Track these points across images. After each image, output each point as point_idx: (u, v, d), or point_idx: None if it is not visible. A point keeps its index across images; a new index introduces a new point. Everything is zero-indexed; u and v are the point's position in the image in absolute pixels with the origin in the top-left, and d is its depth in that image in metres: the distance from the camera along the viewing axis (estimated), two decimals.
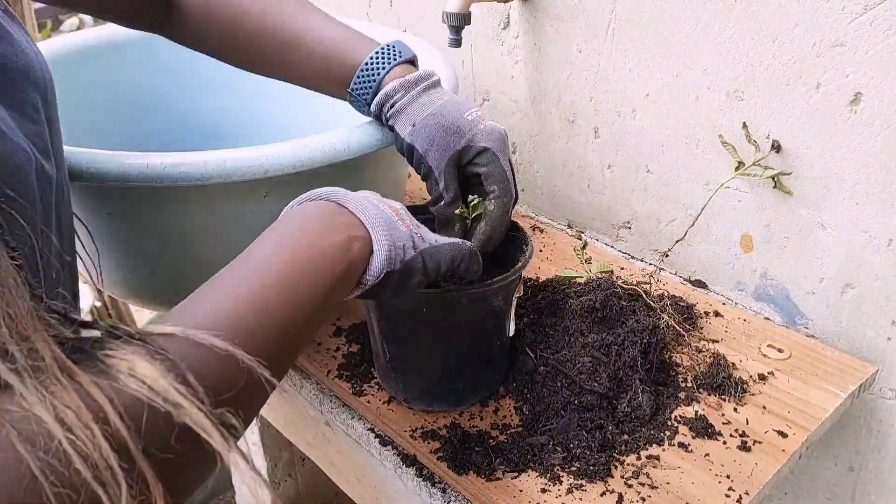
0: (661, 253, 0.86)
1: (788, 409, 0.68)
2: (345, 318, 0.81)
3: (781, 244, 0.79)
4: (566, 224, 1.03)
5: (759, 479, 0.61)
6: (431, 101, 0.64)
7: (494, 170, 0.64)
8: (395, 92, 0.64)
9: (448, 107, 0.64)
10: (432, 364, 0.65)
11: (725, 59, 0.76)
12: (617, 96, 0.88)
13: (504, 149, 0.65)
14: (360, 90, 0.66)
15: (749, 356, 0.75)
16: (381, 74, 0.65)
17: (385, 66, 0.65)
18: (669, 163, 0.86)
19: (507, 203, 0.65)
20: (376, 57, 0.65)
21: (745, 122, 0.76)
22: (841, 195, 0.72)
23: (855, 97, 0.68)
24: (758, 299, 0.84)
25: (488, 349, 0.67)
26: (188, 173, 0.62)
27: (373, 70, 0.65)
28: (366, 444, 0.69)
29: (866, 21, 0.64)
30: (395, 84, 0.64)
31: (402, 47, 0.66)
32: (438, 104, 0.64)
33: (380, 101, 0.65)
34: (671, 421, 0.67)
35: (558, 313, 0.74)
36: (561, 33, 0.90)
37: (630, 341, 0.68)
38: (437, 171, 0.64)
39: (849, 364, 0.74)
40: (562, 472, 0.62)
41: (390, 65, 0.65)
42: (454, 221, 0.66)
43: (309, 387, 0.76)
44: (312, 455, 0.89)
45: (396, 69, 0.65)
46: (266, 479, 1.16)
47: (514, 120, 1.03)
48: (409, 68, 0.66)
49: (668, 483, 0.61)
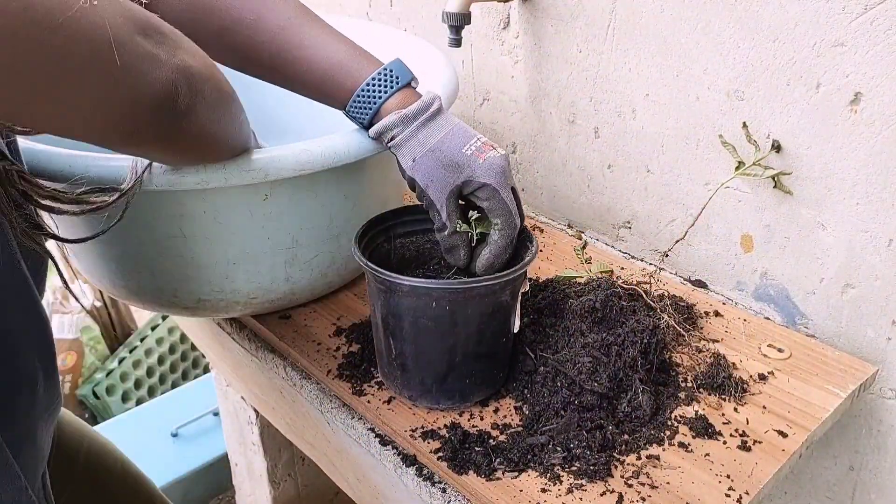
0: (661, 253, 0.86)
1: (788, 409, 0.68)
2: (345, 317, 0.81)
3: (782, 244, 0.79)
4: (566, 224, 1.03)
5: (759, 479, 0.61)
6: (430, 135, 0.65)
7: (496, 205, 0.65)
8: (394, 126, 0.65)
9: (447, 142, 0.65)
10: (439, 360, 0.65)
11: (725, 59, 0.76)
12: (617, 96, 0.88)
13: (504, 182, 0.65)
14: (358, 114, 0.66)
15: (749, 356, 0.75)
16: (378, 103, 0.65)
17: (382, 94, 0.65)
18: (669, 163, 0.86)
19: (510, 234, 0.66)
20: (373, 83, 0.65)
21: (745, 122, 0.76)
22: (841, 195, 0.72)
23: (855, 97, 0.68)
24: (758, 299, 0.84)
25: (494, 345, 0.67)
26: (187, 178, 0.62)
27: (370, 97, 0.65)
28: (366, 444, 0.69)
29: (866, 21, 0.64)
30: (395, 118, 0.64)
31: (401, 71, 0.65)
32: (437, 139, 0.64)
33: (378, 130, 0.66)
34: (671, 421, 0.67)
35: (558, 313, 0.74)
36: (561, 33, 0.90)
37: (630, 341, 0.68)
38: (438, 205, 0.65)
39: (849, 364, 0.74)
40: (562, 472, 0.62)
41: (387, 93, 0.65)
42: (459, 246, 0.67)
43: (309, 387, 0.76)
44: (312, 455, 0.89)
45: (395, 97, 0.65)
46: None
47: (514, 120, 1.03)
48: (409, 95, 0.66)
49: (669, 483, 0.61)
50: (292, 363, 0.79)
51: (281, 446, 1.16)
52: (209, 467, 1.56)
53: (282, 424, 0.94)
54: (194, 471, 1.54)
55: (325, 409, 0.74)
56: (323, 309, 0.83)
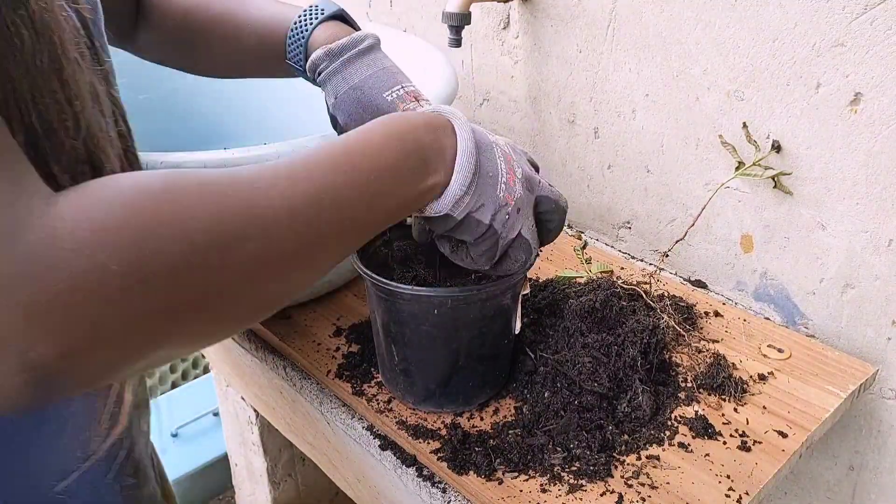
0: (661, 253, 0.86)
1: (788, 409, 0.68)
2: (345, 318, 0.81)
3: (781, 244, 0.79)
4: (566, 224, 1.03)
5: (759, 479, 0.61)
6: (355, 73, 0.62)
7: None
8: (320, 61, 0.63)
9: (370, 82, 0.62)
10: (441, 365, 0.65)
11: (725, 59, 0.76)
12: (617, 96, 0.88)
13: None
14: (294, 57, 0.65)
15: (749, 356, 0.75)
16: (306, 37, 0.64)
17: (307, 26, 0.63)
18: (669, 163, 0.86)
19: None
20: (300, 20, 0.64)
21: (745, 122, 0.76)
22: (841, 195, 0.72)
23: (855, 97, 0.68)
24: (758, 299, 0.83)
25: (496, 347, 0.67)
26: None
27: (298, 34, 0.64)
28: (366, 444, 0.69)
29: (866, 21, 0.64)
30: (321, 52, 0.63)
31: (326, 4, 0.64)
32: (361, 77, 0.62)
33: (310, 68, 0.64)
34: (671, 421, 0.67)
35: (558, 313, 0.74)
36: (561, 33, 0.90)
37: (630, 341, 0.68)
38: None
39: (849, 364, 0.74)
40: (562, 472, 0.61)
41: (312, 25, 0.63)
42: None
43: (309, 387, 0.76)
44: (312, 455, 0.89)
45: (322, 30, 0.63)
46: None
47: (514, 120, 1.03)
48: (338, 28, 0.64)
49: (668, 483, 0.61)
50: (292, 363, 0.79)
51: (281, 446, 1.16)
52: (209, 467, 1.56)
53: (282, 424, 0.94)
54: (194, 471, 1.54)
55: (325, 409, 0.74)
56: (323, 309, 0.83)
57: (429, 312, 0.62)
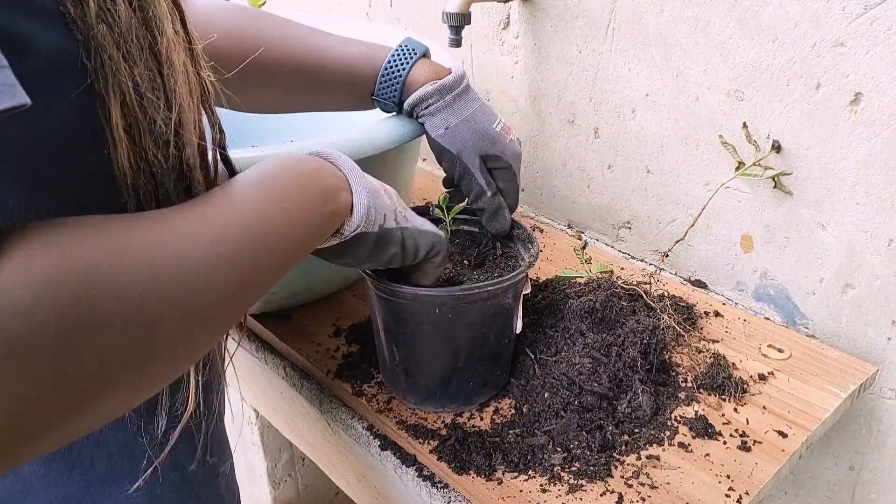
0: (661, 253, 0.86)
1: (788, 409, 0.68)
2: (345, 318, 0.81)
3: (781, 244, 0.79)
4: (566, 224, 1.03)
5: (759, 479, 0.61)
6: (464, 107, 0.69)
7: (511, 188, 0.72)
8: (429, 96, 0.68)
9: (479, 115, 0.70)
10: (442, 365, 0.65)
11: (725, 59, 0.76)
12: (617, 96, 0.88)
13: (519, 169, 0.72)
14: (385, 92, 0.70)
15: (749, 356, 0.75)
16: (404, 75, 0.69)
17: (405, 66, 0.69)
18: (669, 163, 0.86)
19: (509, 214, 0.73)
20: (394, 59, 0.69)
21: (745, 122, 0.76)
22: (841, 195, 0.72)
23: (855, 97, 0.68)
24: (758, 299, 0.84)
25: (497, 346, 0.67)
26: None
27: (394, 72, 0.69)
28: (366, 444, 0.69)
29: (866, 21, 0.64)
30: (431, 88, 0.68)
31: (415, 44, 0.70)
32: (471, 111, 0.69)
33: (413, 101, 0.69)
34: (671, 421, 0.67)
35: (558, 314, 0.74)
36: (561, 33, 0.90)
37: (630, 342, 0.68)
38: (473, 169, 0.70)
39: (849, 364, 0.74)
40: (562, 472, 0.61)
41: (409, 64, 0.69)
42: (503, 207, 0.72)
43: (309, 387, 0.76)
44: (312, 455, 0.89)
45: (417, 68, 0.69)
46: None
47: (514, 120, 1.03)
48: (430, 65, 0.70)
49: (668, 483, 0.61)
50: (292, 363, 0.79)
51: (281, 446, 1.16)
52: None
53: (282, 424, 0.94)
54: None
55: (325, 409, 0.74)
56: (323, 309, 0.83)
57: (429, 312, 0.62)
